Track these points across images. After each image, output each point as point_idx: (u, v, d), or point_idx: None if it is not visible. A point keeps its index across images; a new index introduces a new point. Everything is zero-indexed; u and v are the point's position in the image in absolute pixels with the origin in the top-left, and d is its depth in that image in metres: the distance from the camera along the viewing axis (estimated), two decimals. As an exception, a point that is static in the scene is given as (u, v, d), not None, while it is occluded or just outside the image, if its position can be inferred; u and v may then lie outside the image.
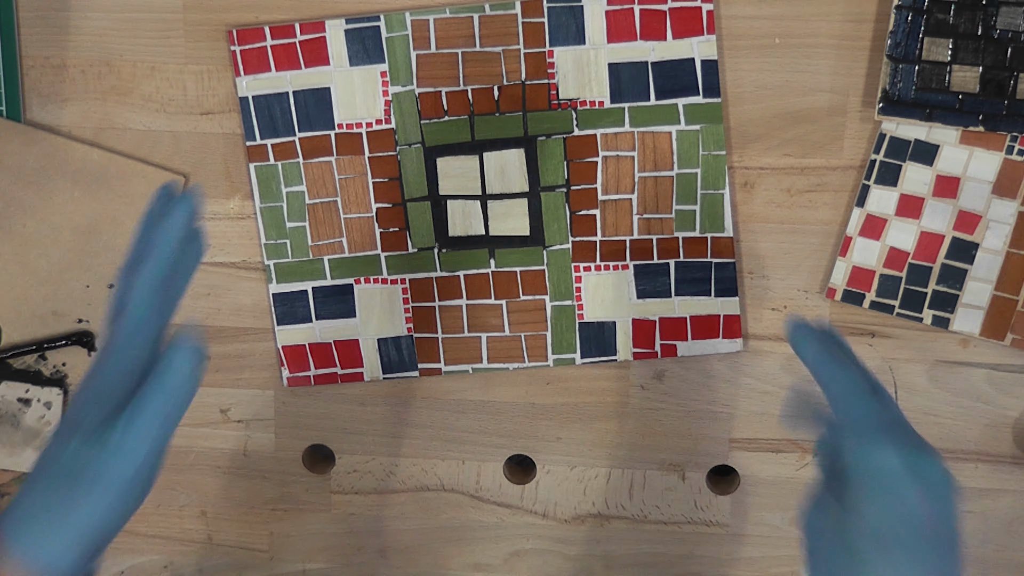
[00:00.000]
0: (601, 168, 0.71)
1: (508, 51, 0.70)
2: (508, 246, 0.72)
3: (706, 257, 0.71)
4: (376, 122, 0.71)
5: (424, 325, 0.73)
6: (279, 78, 0.71)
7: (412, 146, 0.71)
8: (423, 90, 0.71)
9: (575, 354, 0.73)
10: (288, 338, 0.74)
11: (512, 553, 0.77)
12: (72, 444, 0.48)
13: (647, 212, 0.71)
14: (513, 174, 0.71)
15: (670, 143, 0.70)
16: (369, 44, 0.70)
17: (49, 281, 0.74)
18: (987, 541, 0.74)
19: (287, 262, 0.73)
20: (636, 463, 0.75)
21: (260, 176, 0.72)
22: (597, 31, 0.69)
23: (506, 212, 0.72)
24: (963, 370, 0.72)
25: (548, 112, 0.70)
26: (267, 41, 0.70)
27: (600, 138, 0.70)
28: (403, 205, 0.72)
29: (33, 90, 0.73)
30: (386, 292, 0.73)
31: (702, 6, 0.68)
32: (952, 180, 0.69)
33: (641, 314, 0.72)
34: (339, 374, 0.74)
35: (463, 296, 0.73)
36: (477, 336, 0.74)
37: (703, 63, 0.69)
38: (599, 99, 0.70)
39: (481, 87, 0.70)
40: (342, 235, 0.73)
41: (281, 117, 0.71)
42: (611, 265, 0.72)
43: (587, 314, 0.73)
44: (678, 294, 0.72)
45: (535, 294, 0.73)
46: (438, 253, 0.73)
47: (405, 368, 0.74)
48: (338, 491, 0.77)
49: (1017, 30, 0.66)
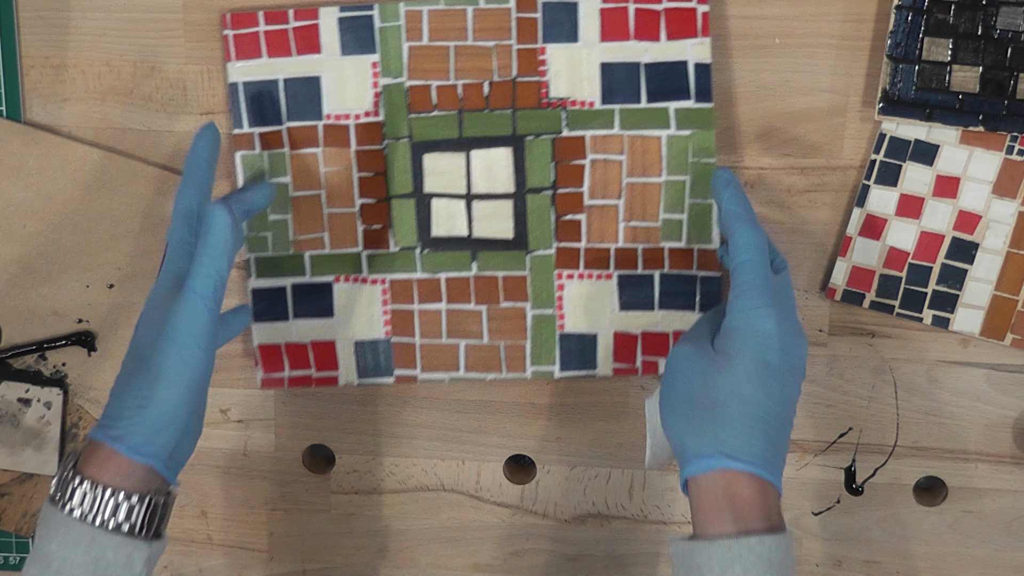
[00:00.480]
0: (589, 171, 0.70)
1: (500, 46, 0.69)
2: (491, 249, 0.71)
3: (692, 269, 0.71)
4: (364, 114, 0.70)
5: (402, 328, 0.72)
6: (270, 64, 0.70)
7: (399, 140, 0.70)
8: (413, 83, 0.70)
9: (554, 366, 0.72)
10: (264, 336, 0.73)
11: (512, 553, 0.77)
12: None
13: (633, 219, 0.70)
14: (500, 174, 0.70)
15: (659, 148, 0.69)
16: (362, 33, 0.69)
17: (49, 281, 0.74)
18: (987, 541, 0.74)
19: (268, 256, 0.72)
20: (636, 463, 0.75)
21: (246, 165, 0.71)
22: (591, 29, 0.69)
23: (491, 213, 0.71)
24: (963, 370, 0.72)
25: (537, 111, 0.70)
26: (260, 27, 0.69)
27: (589, 140, 0.70)
28: (387, 201, 0.71)
29: (33, 90, 0.73)
30: (365, 292, 0.72)
31: (697, 7, 0.68)
32: (952, 180, 0.69)
33: (623, 327, 0.71)
34: (313, 377, 0.73)
35: (443, 300, 0.72)
36: (455, 343, 0.72)
37: (696, 66, 0.68)
38: (590, 99, 0.69)
39: (472, 82, 0.70)
40: (324, 230, 0.72)
41: (270, 105, 0.70)
42: (594, 274, 0.71)
43: (568, 324, 0.72)
44: (662, 307, 0.71)
45: (516, 300, 0.72)
46: (420, 253, 0.72)
47: (381, 373, 0.73)
48: (338, 491, 0.77)
49: (1017, 30, 0.66)
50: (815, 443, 0.73)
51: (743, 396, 0.57)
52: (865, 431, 0.73)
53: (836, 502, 0.74)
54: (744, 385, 0.57)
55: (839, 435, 0.73)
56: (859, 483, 0.74)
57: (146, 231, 0.73)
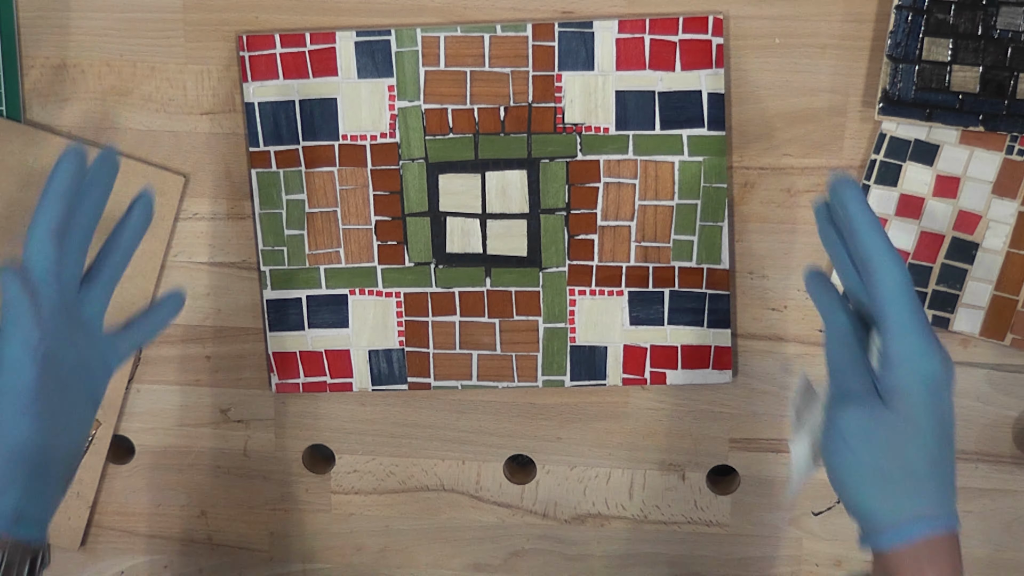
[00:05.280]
0: (602, 194, 0.71)
1: (517, 72, 0.70)
2: (505, 266, 0.72)
3: (701, 288, 0.71)
4: (380, 135, 0.71)
5: (416, 339, 0.73)
6: (286, 86, 0.71)
7: (415, 161, 0.71)
8: (429, 106, 0.70)
9: (565, 376, 0.73)
10: (279, 345, 0.74)
11: (512, 553, 0.77)
12: None
13: (645, 240, 0.71)
14: (514, 195, 0.71)
15: (672, 173, 0.70)
16: (379, 58, 0.70)
17: (49, 281, 0.74)
18: (987, 541, 0.74)
19: (283, 269, 0.73)
20: (636, 463, 0.75)
21: (261, 182, 0.72)
22: (606, 58, 0.69)
23: (505, 232, 0.72)
24: (963, 370, 0.72)
25: (553, 135, 0.70)
26: (276, 49, 0.70)
27: (603, 164, 0.70)
28: (402, 219, 0.72)
29: (33, 90, 0.73)
30: (380, 304, 0.73)
31: (712, 40, 0.68)
32: (952, 180, 0.69)
33: (633, 340, 0.72)
34: (328, 383, 0.74)
35: (457, 313, 0.73)
36: (468, 353, 0.73)
37: (710, 96, 0.69)
38: (604, 125, 0.70)
39: (487, 107, 0.70)
40: (340, 245, 0.73)
41: (286, 125, 0.71)
42: (606, 290, 0.72)
43: (579, 337, 0.73)
44: (671, 323, 0.72)
45: (529, 315, 0.73)
46: (434, 269, 0.72)
47: (395, 381, 0.74)
48: (338, 491, 0.77)
49: (1017, 30, 0.66)
50: (815, 443, 0.73)
51: (934, 459, 0.54)
52: (865, 431, 0.73)
53: (836, 502, 0.74)
54: (933, 448, 0.54)
55: (839, 435, 0.73)
56: (859, 483, 0.73)
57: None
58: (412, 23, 0.70)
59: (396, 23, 0.70)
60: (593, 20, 0.69)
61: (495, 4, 0.70)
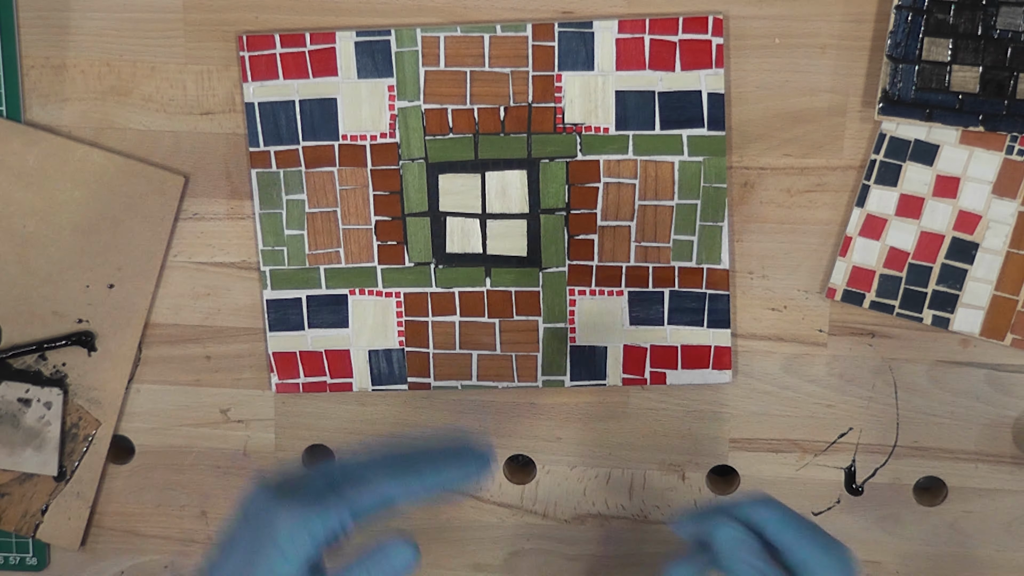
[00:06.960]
0: (602, 194, 0.71)
1: (517, 73, 0.70)
2: (505, 266, 0.72)
3: (701, 288, 0.71)
4: (380, 135, 0.71)
5: (416, 339, 0.73)
6: (286, 86, 0.71)
7: (415, 161, 0.71)
8: (429, 106, 0.71)
9: (564, 376, 0.73)
10: (279, 345, 0.74)
11: (512, 553, 0.77)
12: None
13: (645, 240, 0.71)
14: (514, 195, 0.71)
15: (672, 173, 0.70)
16: (378, 58, 0.70)
17: (49, 281, 0.74)
18: (987, 541, 0.74)
19: (283, 269, 0.73)
20: (636, 463, 0.75)
21: (261, 182, 0.72)
22: (606, 58, 0.69)
23: (505, 232, 0.72)
24: (963, 370, 0.72)
25: (553, 135, 0.70)
26: (276, 49, 0.70)
27: (603, 164, 0.71)
28: (402, 219, 0.72)
29: (33, 90, 0.73)
30: (380, 305, 0.73)
31: (712, 40, 0.68)
32: (952, 180, 0.69)
33: (632, 340, 0.72)
34: (328, 383, 0.74)
35: (457, 313, 0.73)
36: (468, 353, 0.73)
37: (710, 96, 0.69)
38: (604, 125, 0.70)
39: (487, 107, 0.70)
40: (340, 245, 0.73)
41: (286, 125, 0.71)
42: (606, 290, 0.72)
43: (579, 338, 0.73)
44: (671, 323, 0.72)
45: (529, 315, 0.73)
46: (434, 269, 0.72)
47: (395, 381, 0.74)
48: (338, 491, 0.77)
49: (1017, 30, 0.66)
50: (815, 443, 0.73)
51: None
52: (865, 431, 0.73)
53: (836, 502, 0.74)
54: None
55: (839, 435, 0.73)
56: (859, 483, 0.74)
57: (146, 231, 0.73)
58: (412, 23, 0.70)
59: (396, 23, 0.70)
60: (593, 20, 0.69)
61: (495, 4, 0.70)
